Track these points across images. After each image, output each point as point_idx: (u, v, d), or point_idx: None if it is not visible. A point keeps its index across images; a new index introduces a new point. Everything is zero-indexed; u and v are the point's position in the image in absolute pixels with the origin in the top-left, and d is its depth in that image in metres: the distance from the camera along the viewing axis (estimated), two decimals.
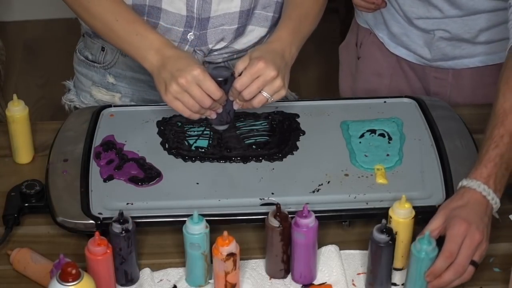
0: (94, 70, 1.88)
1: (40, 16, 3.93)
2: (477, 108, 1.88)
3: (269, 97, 1.57)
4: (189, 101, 1.54)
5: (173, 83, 1.54)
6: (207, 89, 1.54)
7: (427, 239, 1.36)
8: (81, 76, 1.91)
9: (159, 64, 1.57)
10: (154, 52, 1.59)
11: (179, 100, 1.55)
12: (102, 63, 1.86)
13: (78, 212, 1.50)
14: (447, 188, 1.55)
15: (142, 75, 1.83)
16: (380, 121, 1.72)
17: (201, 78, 1.53)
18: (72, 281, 1.25)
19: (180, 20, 1.72)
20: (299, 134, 1.69)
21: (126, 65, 1.85)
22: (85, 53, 1.89)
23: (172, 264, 1.48)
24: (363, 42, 2.04)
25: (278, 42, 1.63)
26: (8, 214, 1.54)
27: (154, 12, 1.71)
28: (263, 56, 1.56)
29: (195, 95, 1.54)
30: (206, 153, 1.64)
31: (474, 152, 1.64)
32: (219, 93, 1.55)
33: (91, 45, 1.87)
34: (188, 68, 1.54)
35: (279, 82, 1.56)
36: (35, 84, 3.57)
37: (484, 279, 1.45)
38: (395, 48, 1.98)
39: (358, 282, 1.45)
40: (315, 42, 3.86)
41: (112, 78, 1.86)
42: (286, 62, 1.61)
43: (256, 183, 1.57)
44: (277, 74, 1.55)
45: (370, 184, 1.57)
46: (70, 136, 1.68)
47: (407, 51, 1.96)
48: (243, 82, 1.55)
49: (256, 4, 1.74)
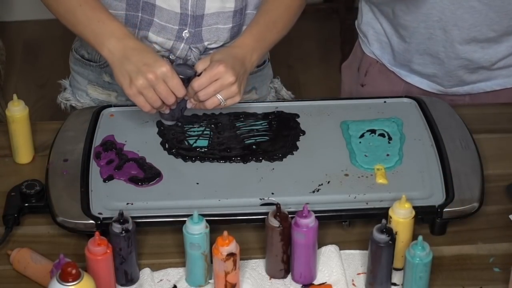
0: (90, 69, 1.88)
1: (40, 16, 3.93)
2: (477, 108, 1.88)
3: (223, 101, 1.58)
4: (153, 96, 1.55)
5: (140, 77, 1.54)
6: (173, 86, 1.55)
7: (420, 245, 1.36)
8: (77, 75, 1.91)
9: (121, 54, 1.57)
10: (115, 40, 1.59)
11: (143, 95, 1.55)
12: (98, 61, 1.86)
13: (78, 212, 1.50)
14: (447, 188, 1.55)
15: None
16: (380, 121, 1.72)
17: (169, 75, 1.55)
18: (72, 281, 1.25)
19: (174, 17, 1.72)
20: (299, 134, 1.69)
21: None
22: (81, 52, 1.89)
23: (172, 264, 1.48)
24: (368, 70, 2.00)
25: (240, 48, 1.64)
26: (8, 214, 1.54)
27: (148, 8, 1.71)
28: (224, 60, 1.58)
29: (161, 92, 1.55)
30: (206, 153, 1.64)
31: (474, 152, 1.64)
32: (184, 91, 1.56)
33: (87, 44, 1.87)
34: (157, 64, 1.55)
35: (235, 88, 1.58)
36: (35, 84, 3.57)
37: (484, 279, 1.46)
38: (406, 76, 1.95)
39: (358, 282, 1.45)
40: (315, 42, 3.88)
41: (108, 76, 1.86)
42: (246, 69, 1.62)
43: (256, 183, 1.57)
44: (235, 80, 1.57)
45: (370, 184, 1.57)
46: (70, 136, 1.68)
47: (420, 78, 1.93)
48: (201, 83, 1.57)
49: (247, 3, 1.74)
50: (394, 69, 1.95)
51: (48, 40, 3.86)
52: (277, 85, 2.00)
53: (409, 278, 1.38)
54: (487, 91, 1.92)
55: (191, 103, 1.61)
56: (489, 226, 1.56)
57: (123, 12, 1.72)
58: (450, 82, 1.90)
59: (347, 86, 2.10)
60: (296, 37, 3.68)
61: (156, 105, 1.57)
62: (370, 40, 1.96)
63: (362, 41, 2.00)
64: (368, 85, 2.01)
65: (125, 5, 1.71)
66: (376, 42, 1.95)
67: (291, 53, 3.68)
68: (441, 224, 1.53)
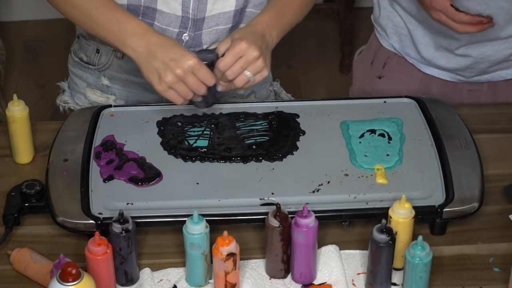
0: (88, 72, 1.88)
1: (40, 16, 3.93)
2: (477, 108, 1.88)
3: (252, 77, 1.59)
4: (184, 90, 1.57)
5: (169, 73, 1.55)
6: (203, 77, 1.57)
7: (420, 245, 1.36)
8: (76, 78, 1.91)
9: (145, 51, 1.58)
10: (137, 38, 1.59)
11: (174, 89, 1.56)
12: (97, 65, 1.86)
13: (78, 212, 1.50)
14: (447, 188, 1.55)
15: (136, 78, 1.83)
16: (380, 121, 1.72)
17: (197, 67, 1.56)
18: (72, 281, 1.25)
19: (175, 20, 1.72)
20: (299, 134, 1.69)
21: (121, 68, 1.84)
22: (80, 55, 1.89)
23: (172, 264, 1.48)
24: (387, 62, 1.99)
25: (259, 25, 1.65)
26: (8, 214, 1.54)
27: (149, 12, 1.71)
28: (245, 37, 1.59)
29: (191, 84, 1.56)
30: (206, 153, 1.64)
31: (474, 152, 1.64)
32: (213, 79, 1.57)
33: (86, 46, 1.87)
34: (184, 59, 1.56)
35: (261, 62, 1.58)
36: (35, 84, 3.57)
37: (484, 279, 1.46)
38: (426, 68, 1.94)
39: (358, 282, 1.45)
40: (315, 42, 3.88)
41: (106, 80, 1.86)
42: (267, 44, 1.63)
43: (256, 183, 1.57)
44: (259, 54, 1.58)
45: (370, 184, 1.57)
46: (70, 136, 1.68)
47: (440, 70, 1.93)
48: (227, 62, 1.57)
49: (247, 2, 1.74)
50: (414, 62, 1.95)
51: (48, 40, 3.86)
52: (277, 88, 2.00)
53: (409, 278, 1.38)
54: (507, 78, 1.92)
55: (220, 85, 1.62)
56: (489, 226, 1.56)
57: None
58: (471, 73, 1.90)
59: (359, 81, 2.10)
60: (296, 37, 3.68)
61: (188, 97, 1.58)
62: (388, 33, 1.96)
63: (380, 35, 2.00)
64: (386, 76, 2.01)
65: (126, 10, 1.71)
66: (395, 35, 1.95)
67: (291, 53, 3.68)
68: (441, 224, 1.53)
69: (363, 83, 2.07)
